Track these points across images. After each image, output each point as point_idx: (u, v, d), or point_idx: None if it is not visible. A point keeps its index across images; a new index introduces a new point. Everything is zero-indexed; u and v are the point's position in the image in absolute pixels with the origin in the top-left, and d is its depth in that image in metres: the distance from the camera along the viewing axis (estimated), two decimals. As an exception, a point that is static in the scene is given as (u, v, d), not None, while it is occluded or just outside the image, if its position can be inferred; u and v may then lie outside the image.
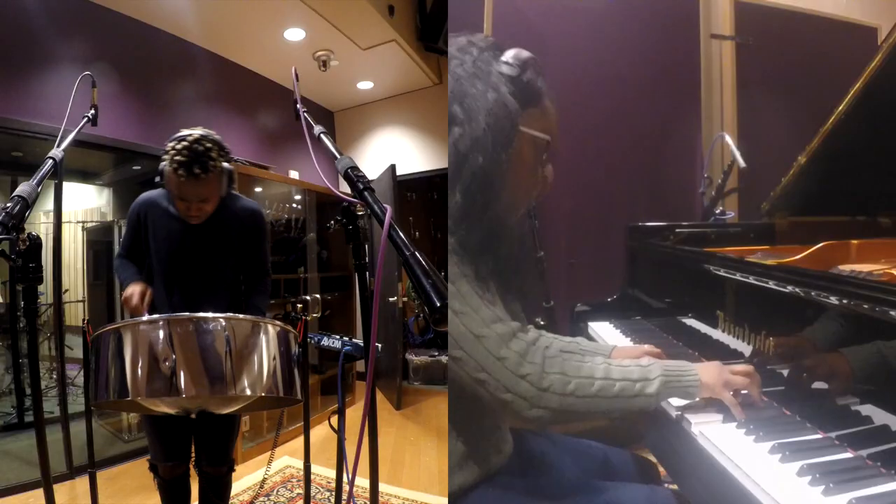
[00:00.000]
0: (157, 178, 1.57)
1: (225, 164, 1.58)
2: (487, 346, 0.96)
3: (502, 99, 1.03)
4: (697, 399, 1.07)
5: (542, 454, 1.28)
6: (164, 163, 1.52)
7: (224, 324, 1.21)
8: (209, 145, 1.51)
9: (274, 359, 1.27)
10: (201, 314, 1.20)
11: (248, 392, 1.23)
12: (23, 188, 1.05)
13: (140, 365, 1.16)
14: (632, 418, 1.07)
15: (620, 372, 1.02)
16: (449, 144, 1.04)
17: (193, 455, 1.74)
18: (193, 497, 1.78)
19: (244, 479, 2.81)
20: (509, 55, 1.07)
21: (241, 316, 1.26)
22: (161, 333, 1.17)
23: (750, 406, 1.06)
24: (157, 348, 1.16)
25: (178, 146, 1.48)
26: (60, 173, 2.88)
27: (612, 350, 1.36)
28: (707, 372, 1.06)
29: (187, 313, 1.21)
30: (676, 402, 1.10)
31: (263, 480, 2.60)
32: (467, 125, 1.02)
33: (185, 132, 1.52)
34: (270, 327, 1.29)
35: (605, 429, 1.94)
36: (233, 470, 1.78)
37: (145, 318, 1.22)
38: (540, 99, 1.10)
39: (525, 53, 1.08)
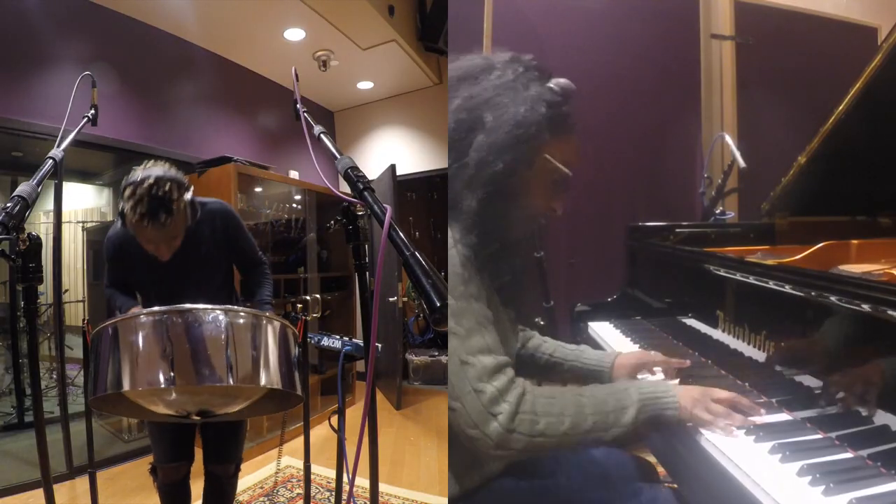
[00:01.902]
0: (119, 222, 1.50)
1: (187, 196, 1.49)
2: (468, 374, 0.94)
3: (535, 118, 1.02)
4: (676, 421, 1.02)
5: (543, 458, 1.28)
6: (124, 211, 1.43)
7: (222, 316, 1.20)
8: (167, 186, 1.42)
9: (273, 353, 1.26)
10: (200, 305, 1.20)
11: (246, 384, 1.22)
12: (23, 188, 1.05)
13: (138, 357, 1.16)
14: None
15: (594, 405, 0.98)
16: (470, 151, 1.03)
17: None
18: (195, 498, 1.78)
19: (244, 480, 2.81)
20: (555, 81, 1.08)
21: (239, 308, 1.26)
22: (159, 326, 1.16)
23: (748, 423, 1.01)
24: (154, 340, 1.15)
25: (136, 193, 1.39)
26: (60, 173, 2.88)
27: (615, 357, 1.35)
28: (687, 395, 1.03)
29: (187, 305, 1.20)
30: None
31: (275, 484, 2.60)
32: (494, 133, 1.01)
33: (138, 174, 1.43)
34: (270, 323, 1.29)
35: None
36: (239, 469, 1.78)
37: (144, 310, 1.22)
38: (570, 132, 1.09)
39: (572, 86, 1.09)
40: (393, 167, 4.12)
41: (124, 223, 1.47)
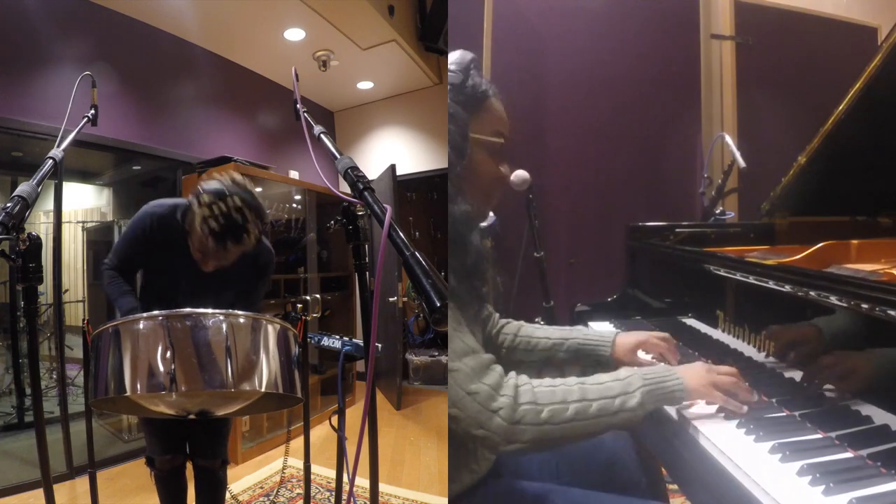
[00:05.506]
0: (180, 217, 1.44)
1: (258, 232, 1.42)
2: (458, 380, 0.93)
3: (452, 111, 1.01)
4: (685, 403, 1.05)
5: (544, 458, 1.28)
6: (194, 212, 1.36)
7: (223, 320, 1.20)
8: (248, 216, 1.36)
9: (273, 356, 1.26)
10: (200, 310, 1.19)
11: (247, 388, 1.22)
12: (23, 188, 1.05)
13: (139, 361, 1.16)
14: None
15: (597, 391, 0.98)
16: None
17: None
18: (190, 496, 1.78)
19: (244, 479, 2.81)
20: (452, 59, 1.04)
21: (240, 312, 1.25)
22: (160, 330, 1.17)
23: (748, 404, 1.05)
24: (155, 344, 1.16)
25: (216, 209, 1.32)
26: (60, 173, 2.87)
27: (615, 336, 1.36)
28: (691, 375, 1.03)
29: (187, 309, 1.20)
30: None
31: (275, 484, 2.60)
32: (454, 159, 1.01)
33: (224, 186, 1.35)
34: (270, 326, 1.29)
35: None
36: (227, 463, 1.79)
37: (144, 314, 1.21)
38: (485, 100, 1.07)
39: (467, 56, 1.05)
40: (393, 167, 4.12)
41: (184, 218, 1.40)
